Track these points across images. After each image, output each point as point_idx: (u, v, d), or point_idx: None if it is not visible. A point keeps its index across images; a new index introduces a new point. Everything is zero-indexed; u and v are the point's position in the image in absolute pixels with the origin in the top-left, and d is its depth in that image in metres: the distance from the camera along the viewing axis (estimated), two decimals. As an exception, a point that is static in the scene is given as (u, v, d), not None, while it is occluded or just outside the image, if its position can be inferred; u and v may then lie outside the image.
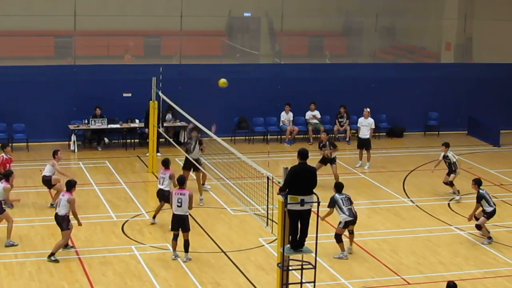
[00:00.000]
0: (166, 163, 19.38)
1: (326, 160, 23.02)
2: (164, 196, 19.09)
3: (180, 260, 17.15)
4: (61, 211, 16.81)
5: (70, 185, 17.02)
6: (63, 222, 16.81)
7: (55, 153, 20.58)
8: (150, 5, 31.07)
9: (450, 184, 22.27)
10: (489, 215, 18.89)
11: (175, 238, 17.19)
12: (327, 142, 23.16)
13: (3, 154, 20.93)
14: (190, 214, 17.47)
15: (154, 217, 19.57)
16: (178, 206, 16.96)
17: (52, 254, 16.88)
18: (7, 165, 20.68)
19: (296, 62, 31.59)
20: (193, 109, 23.31)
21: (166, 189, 19.07)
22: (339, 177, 22.42)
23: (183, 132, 27.20)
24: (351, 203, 17.76)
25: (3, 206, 17.74)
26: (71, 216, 17.01)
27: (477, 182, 19.21)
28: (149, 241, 18.43)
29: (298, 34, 32.97)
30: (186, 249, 17.14)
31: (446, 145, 22.30)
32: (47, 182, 20.42)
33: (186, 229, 17.06)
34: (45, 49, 29.93)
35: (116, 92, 27.34)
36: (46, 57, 29.92)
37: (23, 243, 17.96)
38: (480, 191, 18.97)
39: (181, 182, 17.29)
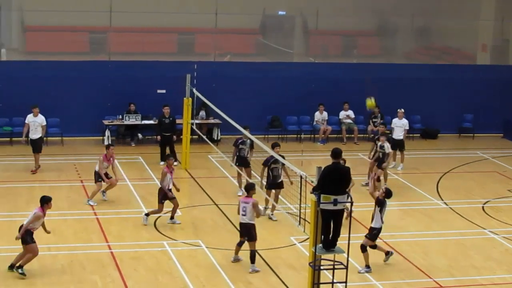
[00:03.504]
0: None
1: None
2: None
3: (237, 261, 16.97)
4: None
5: (43, 201, 16.07)
6: (26, 235, 15.81)
7: (107, 147, 20.73)
8: (184, 2, 31.08)
9: (378, 180, 21.56)
10: (376, 233, 16.76)
11: (240, 244, 16.83)
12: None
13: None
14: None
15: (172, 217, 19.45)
16: (243, 214, 16.53)
17: (21, 266, 15.85)
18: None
19: (329, 61, 31.47)
20: (226, 106, 23.34)
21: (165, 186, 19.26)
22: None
23: (217, 130, 27.29)
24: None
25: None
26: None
27: (386, 192, 16.54)
28: (180, 237, 18.45)
29: (332, 34, 32.82)
30: (252, 260, 16.54)
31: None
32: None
33: (251, 238, 16.52)
34: (80, 45, 30.10)
35: (150, 88, 27.46)
36: (81, 52, 30.10)
37: (56, 236, 18.07)
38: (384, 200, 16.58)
39: (247, 189, 16.81)
